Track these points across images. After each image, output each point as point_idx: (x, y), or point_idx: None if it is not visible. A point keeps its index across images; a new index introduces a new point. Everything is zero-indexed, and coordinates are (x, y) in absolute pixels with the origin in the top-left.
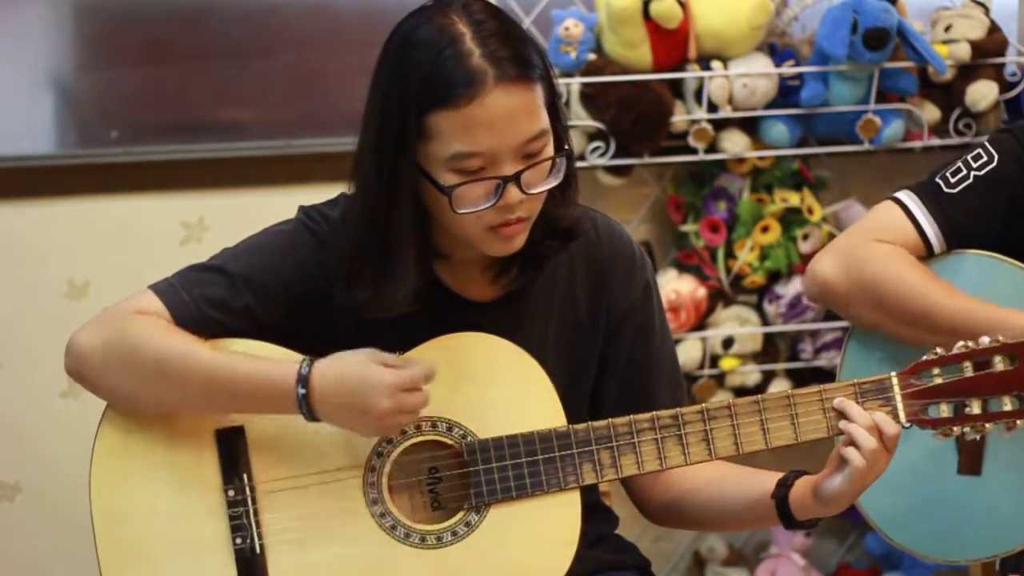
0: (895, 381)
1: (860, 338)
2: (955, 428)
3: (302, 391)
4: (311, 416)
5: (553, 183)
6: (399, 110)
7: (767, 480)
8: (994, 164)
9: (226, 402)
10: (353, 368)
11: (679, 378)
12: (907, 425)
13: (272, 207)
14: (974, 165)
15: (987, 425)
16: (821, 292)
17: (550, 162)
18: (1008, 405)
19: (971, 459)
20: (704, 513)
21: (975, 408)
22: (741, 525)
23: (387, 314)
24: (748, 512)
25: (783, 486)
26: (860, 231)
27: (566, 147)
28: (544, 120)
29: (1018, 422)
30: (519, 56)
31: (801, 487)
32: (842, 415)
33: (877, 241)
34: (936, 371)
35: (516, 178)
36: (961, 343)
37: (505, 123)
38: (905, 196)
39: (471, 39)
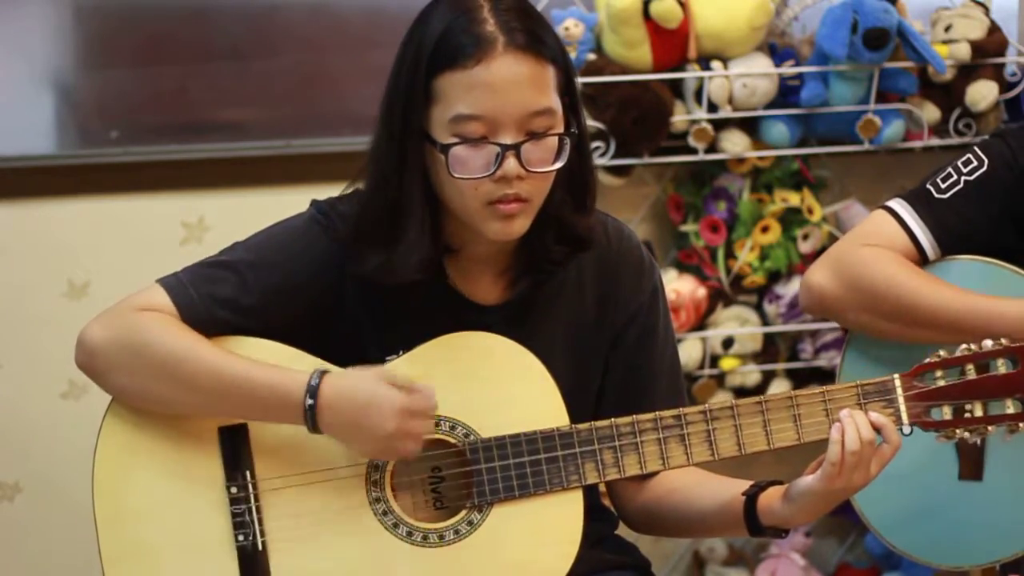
0: (898, 383)
1: (859, 342)
2: (957, 431)
3: (310, 402)
4: (315, 428)
5: (557, 166)
6: (410, 74)
7: (741, 485)
8: (984, 169)
9: (231, 407)
10: (363, 385)
11: (679, 386)
12: (908, 431)
13: (272, 207)
14: (964, 171)
15: (989, 428)
16: (816, 302)
17: (557, 146)
18: (1010, 408)
19: (972, 465)
20: (679, 514)
21: (977, 411)
22: (709, 529)
23: (396, 281)
24: (718, 514)
25: (756, 487)
26: (851, 239)
27: (573, 130)
28: (552, 100)
29: (1020, 425)
30: (532, 31)
31: (773, 490)
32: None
33: (865, 245)
34: (939, 373)
35: (516, 148)
36: (964, 346)
37: (509, 89)
38: (897, 204)
39: (488, 11)
